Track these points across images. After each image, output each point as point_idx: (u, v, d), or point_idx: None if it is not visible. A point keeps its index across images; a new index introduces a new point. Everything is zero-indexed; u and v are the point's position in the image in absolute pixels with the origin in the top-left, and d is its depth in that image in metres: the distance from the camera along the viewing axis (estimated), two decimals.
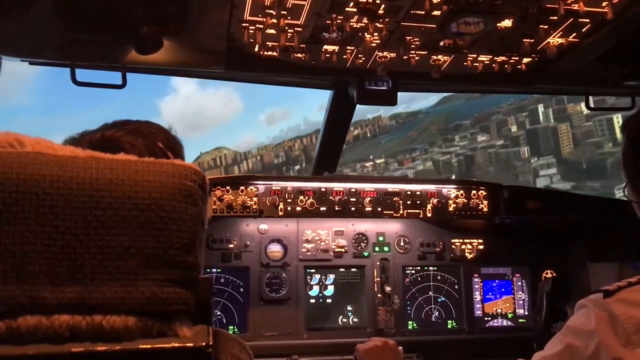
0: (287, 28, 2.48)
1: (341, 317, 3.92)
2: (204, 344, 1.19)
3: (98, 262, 1.17)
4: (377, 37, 2.61)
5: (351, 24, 2.47)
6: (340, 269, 3.99)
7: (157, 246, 1.20)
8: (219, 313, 3.74)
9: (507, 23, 2.52)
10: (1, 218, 1.13)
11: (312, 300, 3.91)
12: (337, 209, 3.77)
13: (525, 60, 2.96)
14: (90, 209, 1.18)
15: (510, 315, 4.15)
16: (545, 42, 2.74)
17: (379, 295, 3.95)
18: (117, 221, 1.18)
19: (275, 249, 3.91)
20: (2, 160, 1.16)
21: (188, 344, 1.18)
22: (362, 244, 4.03)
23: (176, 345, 1.18)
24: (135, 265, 1.19)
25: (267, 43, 2.64)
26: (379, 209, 3.83)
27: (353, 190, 3.80)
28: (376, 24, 2.47)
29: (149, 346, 1.17)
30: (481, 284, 4.15)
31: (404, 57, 2.85)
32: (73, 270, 1.16)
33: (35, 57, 2.80)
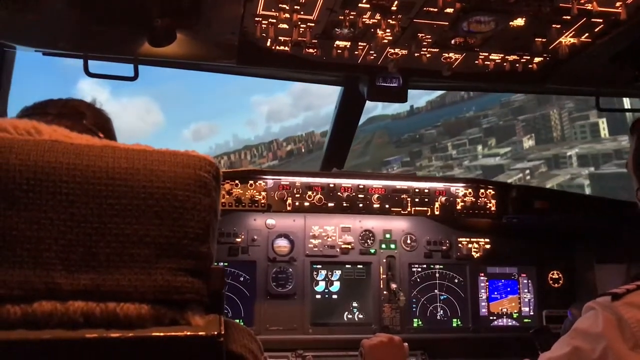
0: (299, 23, 2.49)
1: (346, 313, 3.93)
2: (215, 333, 1.20)
3: (112, 249, 1.18)
4: (389, 34, 2.62)
5: (364, 20, 2.47)
6: (347, 265, 4.00)
7: (171, 235, 1.21)
8: (225, 307, 3.75)
9: (519, 22, 2.52)
10: (18, 204, 1.14)
11: (318, 296, 3.92)
12: (344, 205, 3.77)
13: (537, 59, 2.95)
14: (106, 197, 1.19)
15: (515, 315, 4.15)
16: (558, 41, 2.73)
17: (385, 292, 3.96)
18: (132, 210, 1.20)
19: (282, 244, 3.93)
20: (20, 147, 1.18)
21: (200, 333, 1.20)
22: (368, 240, 4.04)
23: (188, 333, 1.19)
24: (149, 254, 1.20)
25: (280, 38, 2.65)
26: (387, 206, 3.83)
27: (361, 186, 3.81)
28: (389, 20, 2.48)
29: (161, 334, 1.18)
30: (487, 283, 4.15)
31: (416, 54, 2.86)
32: (88, 257, 1.17)
33: (49, 48, 2.81)
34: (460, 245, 4.15)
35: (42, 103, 1.79)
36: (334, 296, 3.95)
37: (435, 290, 4.09)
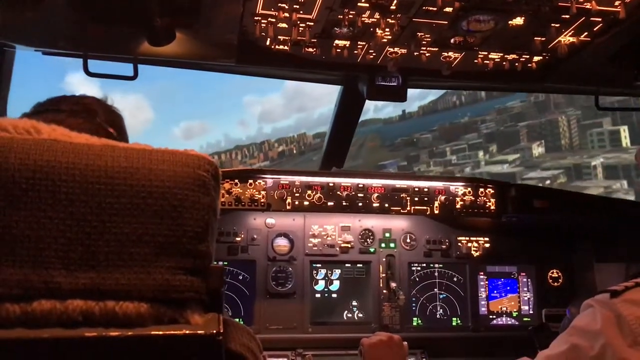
0: (299, 22, 2.49)
1: (346, 312, 3.94)
2: (214, 331, 1.21)
3: (112, 248, 1.18)
4: (388, 33, 2.61)
5: (363, 19, 2.47)
6: (346, 265, 4.01)
7: (170, 234, 1.21)
8: (224, 305, 3.76)
9: (518, 21, 2.51)
10: (18, 203, 1.14)
11: (318, 295, 3.93)
12: (344, 204, 3.78)
13: (536, 58, 2.95)
14: (105, 196, 1.19)
15: (515, 314, 4.15)
16: (557, 40, 2.73)
17: (384, 291, 3.96)
18: (131, 209, 1.20)
19: (281, 243, 3.93)
20: (19, 146, 1.18)
21: (199, 331, 1.20)
22: (368, 239, 4.04)
23: (187, 332, 1.19)
24: (149, 253, 1.20)
25: (279, 37, 2.64)
26: (386, 205, 3.84)
27: (361, 185, 3.81)
28: (388, 19, 2.48)
29: (160, 333, 1.18)
30: (486, 282, 4.16)
31: (415, 54, 2.85)
32: (87, 256, 1.17)
33: (49, 47, 2.81)
34: (459, 244, 4.15)
35: (55, 99, 1.80)
36: (334, 295, 3.95)
37: (435, 289, 4.09)
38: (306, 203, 3.73)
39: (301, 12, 2.41)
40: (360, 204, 3.81)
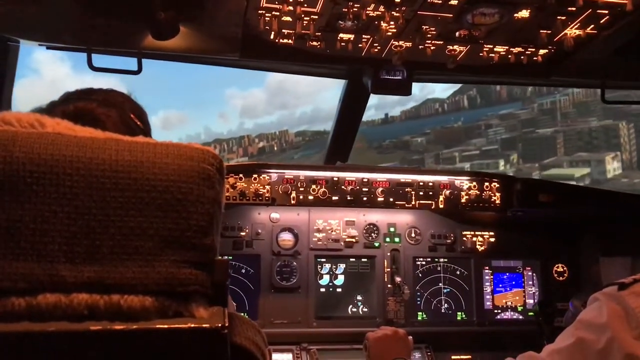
0: (303, 15, 2.48)
1: (351, 306, 3.93)
2: (219, 325, 1.20)
3: (116, 242, 1.18)
4: (393, 26, 2.60)
5: (367, 12, 2.46)
6: (351, 259, 4.00)
7: (174, 228, 1.21)
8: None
9: (524, 14, 2.50)
10: (22, 197, 1.14)
11: (322, 289, 3.93)
12: (349, 198, 3.77)
13: (542, 51, 2.94)
14: (109, 189, 1.19)
15: (520, 308, 4.14)
16: (563, 33, 2.72)
17: (389, 285, 3.95)
18: (135, 202, 1.19)
19: (286, 238, 3.93)
20: (23, 140, 1.18)
21: (204, 325, 1.19)
22: (373, 234, 4.03)
23: (192, 325, 1.19)
24: (153, 246, 1.20)
25: (283, 30, 2.64)
26: (391, 200, 3.83)
27: (365, 180, 3.80)
28: (393, 12, 2.47)
29: (165, 326, 1.18)
30: (491, 277, 4.14)
31: (420, 47, 2.84)
32: (92, 250, 1.17)
33: (53, 42, 2.82)
34: (464, 238, 4.14)
35: (85, 90, 1.86)
36: (338, 290, 3.95)
37: (440, 284, 4.08)
38: (311, 197, 3.72)
39: (305, 5, 2.41)
40: (364, 199, 3.80)
